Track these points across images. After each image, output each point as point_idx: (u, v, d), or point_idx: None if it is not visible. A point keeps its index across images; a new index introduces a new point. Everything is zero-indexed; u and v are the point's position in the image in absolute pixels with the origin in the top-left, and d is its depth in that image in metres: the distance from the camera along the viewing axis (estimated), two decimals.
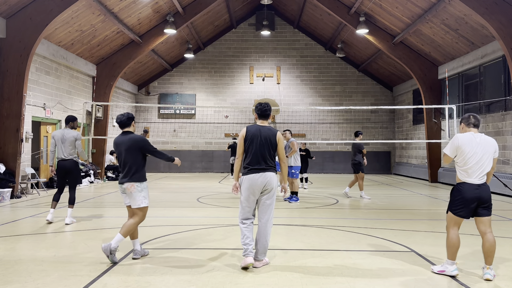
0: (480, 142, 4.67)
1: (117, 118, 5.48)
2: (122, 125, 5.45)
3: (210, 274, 4.67)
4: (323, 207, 10.02)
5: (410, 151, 21.00)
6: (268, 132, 5.05)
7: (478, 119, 4.84)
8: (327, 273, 4.73)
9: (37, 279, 4.48)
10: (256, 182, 4.92)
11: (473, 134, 4.72)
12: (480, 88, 14.85)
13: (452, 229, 4.71)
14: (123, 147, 5.31)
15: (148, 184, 5.43)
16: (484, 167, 4.65)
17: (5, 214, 8.73)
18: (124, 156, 5.29)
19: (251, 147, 5.01)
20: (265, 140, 4.99)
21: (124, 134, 5.42)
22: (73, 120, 8.03)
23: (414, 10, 14.64)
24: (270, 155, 5.02)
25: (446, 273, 4.71)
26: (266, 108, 5.16)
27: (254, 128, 5.10)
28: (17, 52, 11.55)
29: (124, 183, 5.26)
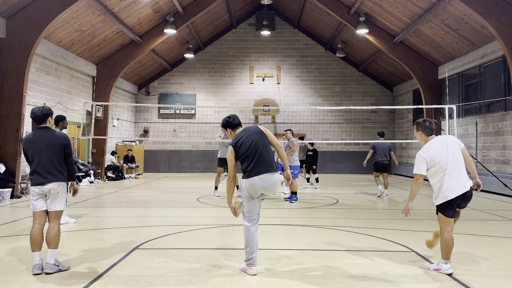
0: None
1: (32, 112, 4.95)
2: (39, 121, 4.91)
3: (210, 274, 4.66)
4: (323, 207, 10.02)
5: (410, 151, 21.00)
6: (254, 130, 4.90)
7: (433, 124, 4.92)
8: (327, 273, 4.72)
9: (37, 279, 4.48)
10: (266, 182, 4.73)
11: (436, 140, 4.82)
12: (480, 88, 14.85)
13: (446, 231, 4.74)
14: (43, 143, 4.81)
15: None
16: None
17: (5, 214, 8.73)
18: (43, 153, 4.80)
19: (247, 153, 4.78)
20: (258, 137, 4.85)
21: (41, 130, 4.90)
22: (59, 120, 7.63)
23: (414, 10, 14.64)
24: (268, 150, 4.88)
25: (441, 272, 4.75)
26: (234, 118, 5.00)
27: (238, 137, 4.88)
28: (17, 52, 11.55)
29: (48, 183, 4.75)
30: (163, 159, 22.85)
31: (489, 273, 4.80)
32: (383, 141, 12.20)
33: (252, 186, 4.70)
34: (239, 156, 4.82)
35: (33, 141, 4.80)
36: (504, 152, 13.02)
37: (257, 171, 4.72)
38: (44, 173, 4.75)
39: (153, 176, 20.15)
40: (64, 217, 7.53)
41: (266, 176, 4.73)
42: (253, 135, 4.84)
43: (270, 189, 4.77)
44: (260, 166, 4.74)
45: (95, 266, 4.94)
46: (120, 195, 12.33)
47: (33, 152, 4.79)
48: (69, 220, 7.66)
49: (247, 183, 4.73)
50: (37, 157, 4.78)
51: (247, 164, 4.77)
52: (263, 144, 4.84)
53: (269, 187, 4.75)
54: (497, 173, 12.70)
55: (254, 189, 4.70)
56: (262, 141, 4.86)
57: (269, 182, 4.73)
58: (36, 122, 4.91)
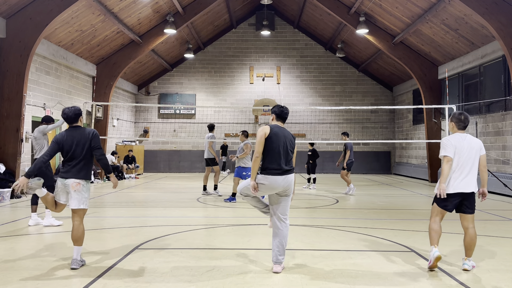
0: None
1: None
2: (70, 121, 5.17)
3: (210, 274, 4.66)
4: (323, 207, 10.02)
5: (410, 151, 21.00)
6: (289, 134, 5.00)
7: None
8: (327, 273, 4.72)
9: (37, 279, 4.47)
10: (279, 184, 4.78)
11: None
12: (480, 88, 14.85)
13: (432, 219, 4.96)
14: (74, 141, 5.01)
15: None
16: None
17: (5, 214, 8.73)
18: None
19: (273, 146, 4.81)
20: (288, 142, 4.90)
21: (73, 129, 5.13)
22: (48, 121, 7.69)
23: (414, 10, 14.64)
24: (290, 157, 4.93)
25: (430, 257, 4.79)
26: (287, 112, 5.07)
27: (277, 127, 4.93)
28: (17, 52, 11.55)
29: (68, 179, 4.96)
30: (163, 159, 22.85)
31: (489, 273, 4.80)
32: (348, 141, 12.69)
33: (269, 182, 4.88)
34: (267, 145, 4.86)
35: (66, 139, 5.01)
36: (504, 152, 13.02)
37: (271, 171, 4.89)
38: (68, 168, 4.98)
39: (153, 176, 20.15)
40: (49, 218, 7.29)
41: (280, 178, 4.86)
42: (286, 139, 4.93)
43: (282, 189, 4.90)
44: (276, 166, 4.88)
45: (95, 266, 4.94)
46: (120, 195, 12.33)
47: (67, 149, 5.00)
48: (53, 223, 7.32)
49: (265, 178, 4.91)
50: (65, 153, 5.01)
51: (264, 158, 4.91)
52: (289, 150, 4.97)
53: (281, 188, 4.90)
54: (497, 173, 12.70)
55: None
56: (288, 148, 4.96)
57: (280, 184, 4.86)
58: (68, 122, 5.16)
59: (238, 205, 10.11)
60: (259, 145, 4.81)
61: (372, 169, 22.70)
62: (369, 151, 22.89)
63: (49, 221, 7.33)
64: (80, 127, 5.14)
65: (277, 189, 4.82)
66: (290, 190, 4.90)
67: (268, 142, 4.82)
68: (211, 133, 12.73)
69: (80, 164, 4.96)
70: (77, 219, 4.99)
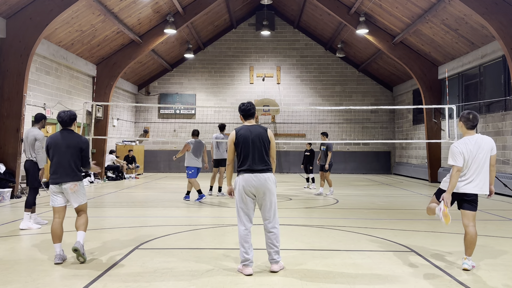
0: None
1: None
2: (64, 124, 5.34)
3: (210, 274, 4.66)
4: (323, 207, 10.03)
5: (410, 151, 21.00)
6: (259, 129, 4.92)
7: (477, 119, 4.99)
8: (327, 273, 4.72)
9: (37, 279, 4.48)
10: (251, 183, 4.74)
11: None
12: (480, 88, 14.85)
13: (435, 202, 5.11)
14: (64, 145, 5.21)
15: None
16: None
17: (5, 214, 8.73)
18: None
19: (242, 149, 4.82)
20: (258, 139, 4.83)
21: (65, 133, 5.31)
22: (40, 118, 7.55)
23: (414, 10, 14.64)
24: (266, 153, 4.85)
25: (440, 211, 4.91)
26: (250, 107, 5.01)
27: (244, 129, 4.90)
28: (17, 52, 11.55)
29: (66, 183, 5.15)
30: (163, 159, 22.84)
31: (489, 273, 4.80)
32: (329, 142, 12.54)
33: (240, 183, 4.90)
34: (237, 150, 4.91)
35: (56, 141, 5.22)
36: (504, 152, 13.02)
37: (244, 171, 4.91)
38: (62, 173, 5.15)
39: (153, 176, 20.15)
40: (27, 221, 7.09)
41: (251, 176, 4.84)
42: (256, 138, 4.87)
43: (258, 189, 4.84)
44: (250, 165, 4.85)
45: (95, 266, 4.94)
46: (120, 195, 12.33)
47: (53, 151, 5.20)
48: (32, 226, 7.11)
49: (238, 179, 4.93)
50: (56, 156, 5.18)
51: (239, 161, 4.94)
52: (263, 147, 4.90)
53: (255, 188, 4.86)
54: (497, 173, 12.71)
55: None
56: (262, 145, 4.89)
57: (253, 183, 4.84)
58: (62, 125, 5.35)
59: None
60: (230, 153, 4.94)
61: (372, 169, 22.69)
62: (369, 151, 22.89)
63: (26, 224, 7.10)
64: (73, 131, 5.34)
65: (251, 189, 4.74)
66: (267, 191, 4.76)
67: (237, 147, 4.87)
68: (221, 133, 12.75)
69: (72, 168, 5.18)
70: (81, 212, 5.36)
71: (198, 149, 11.06)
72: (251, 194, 4.79)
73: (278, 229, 4.84)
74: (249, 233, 4.79)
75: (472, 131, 4.95)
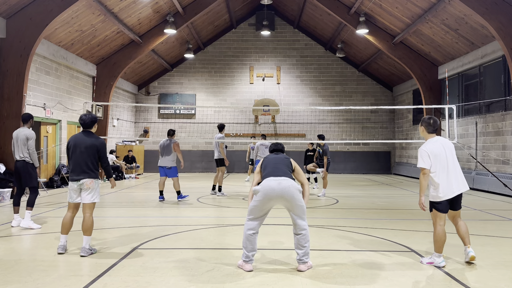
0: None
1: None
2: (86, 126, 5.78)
3: (210, 274, 4.67)
4: (323, 207, 10.03)
5: (410, 151, 21.00)
6: (284, 156, 5.33)
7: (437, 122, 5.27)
8: (327, 273, 4.73)
9: (37, 279, 4.48)
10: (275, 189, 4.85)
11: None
12: (480, 88, 14.85)
13: (439, 225, 5.04)
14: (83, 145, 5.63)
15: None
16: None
17: (5, 214, 8.73)
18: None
19: (267, 169, 5.09)
20: (280, 160, 5.18)
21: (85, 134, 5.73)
22: (28, 118, 7.57)
23: (414, 10, 14.64)
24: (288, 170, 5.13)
25: (435, 265, 5.02)
26: (277, 146, 5.51)
27: (270, 156, 5.34)
28: (17, 52, 11.55)
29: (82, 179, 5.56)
30: None
31: (489, 273, 4.81)
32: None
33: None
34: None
35: (75, 141, 5.64)
36: (504, 152, 13.02)
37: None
38: (79, 171, 5.55)
39: (153, 176, 20.14)
40: (27, 220, 7.13)
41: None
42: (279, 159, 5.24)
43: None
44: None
45: (95, 266, 4.94)
46: (120, 195, 12.33)
47: (72, 150, 5.63)
48: (33, 226, 7.12)
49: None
50: (75, 155, 5.60)
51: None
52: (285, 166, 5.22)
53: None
54: (497, 173, 12.71)
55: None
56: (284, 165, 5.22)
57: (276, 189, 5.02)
58: (83, 127, 5.78)
59: (238, 205, 10.12)
60: (256, 175, 5.24)
61: (372, 169, 22.70)
62: (369, 151, 22.90)
63: (27, 223, 7.12)
64: (92, 133, 5.76)
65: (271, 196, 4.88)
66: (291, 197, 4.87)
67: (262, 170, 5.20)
68: (220, 133, 12.81)
69: (89, 166, 5.57)
70: (88, 212, 5.59)
71: (164, 149, 11.88)
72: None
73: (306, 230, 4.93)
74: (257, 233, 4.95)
75: (433, 134, 5.21)
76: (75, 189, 5.60)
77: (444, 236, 5.01)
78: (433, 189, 5.07)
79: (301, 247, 4.83)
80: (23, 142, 7.36)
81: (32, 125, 7.75)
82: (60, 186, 14.18)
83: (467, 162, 15.22)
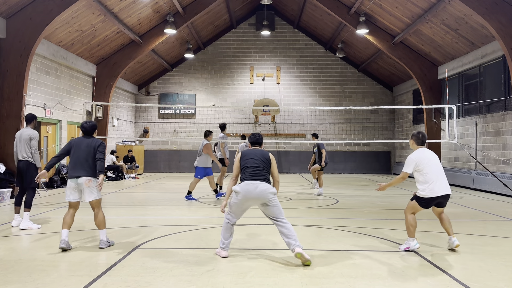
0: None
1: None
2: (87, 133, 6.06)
3: (210, 274, 4.67)
4: (323, 207, 10.03)
5: (410, 151, 20.94)
6: (263, 152, 5.64)
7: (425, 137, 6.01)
8: (327, 273, 4.73)
9: (37, 279, 4.48)
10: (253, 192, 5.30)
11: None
12: (480, 88, 14.85)
13: (410, 214, 5.78)
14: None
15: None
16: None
17: (5, 214, 8.73)
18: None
19: (246, 165, 5.45)
20: (260, 157, 5.49)
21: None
22: (32, 119, 7.56)
23: (414, 10, 14.64)
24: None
25: (411, 248, 5.68)
26: (258, 138, 5.85)
27: (248, 150, 5.68)
28: (17, 52, 11.55)
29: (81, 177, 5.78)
30: (163, 159, 22.85)
31: (489, 273, 4.81)
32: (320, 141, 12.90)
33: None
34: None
35: (77, 142, 5.92)
36: (504, 152, 13.02)
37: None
38: (78, 168, 5.76)
39: (153, 176, 20.15)
40: (26, 221, 7.10)
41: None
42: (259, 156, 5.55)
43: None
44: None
45: (95, 266, 4.94)
46: (120, 195, 12.33)
47: (74, 149, 5.86)
48: (32, 226, 7.10)
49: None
50: (75, 153, 5.83)
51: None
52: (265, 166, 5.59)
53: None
54: (497, 173, 12.70)
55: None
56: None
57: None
58: (84, 133, 6.06)
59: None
60: (235, 168, 5.65)
61: (372, 169, 22.69)
62: (369, 151, 22.90)
63: (26, 224, 7.10)
64: (93, 137, 6.04)
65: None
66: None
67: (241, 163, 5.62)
68: (222, 133, 12.81)
69: (88, 163, 5.77)
70: (96, 208, 5.89)
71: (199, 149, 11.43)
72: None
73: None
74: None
75: (422, 146, 5.93)
76: (73, 188, 5.79)
77: (415, 222, 5.76)
78: (420, 187, 5.67)
79: (290, 235, 5.13)
80: (26, 142, 7.35)
81: (36, 125, 7.74)
82: (60, 186, 14.18)
83: (467, 162, 15.22)
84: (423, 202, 5.68)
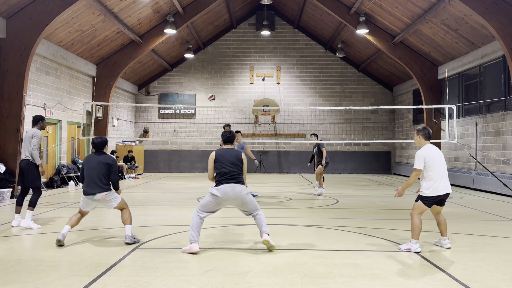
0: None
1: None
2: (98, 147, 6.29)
3: (210, 274, 4.66)
4: (323, 207, 10.03)
5: (410, 151, 21.00)
6: (237, 153, 5.88)
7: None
8: (327, 273, 4.73)
9: (37, 279, 4.48)
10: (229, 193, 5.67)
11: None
12: (480, 88, 14.85)
13: (417, 216, 5.73)
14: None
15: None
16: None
17: (5, 214, 8.73)
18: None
19: (220, 166, 5.75)
20: (233, 159, 5.77)
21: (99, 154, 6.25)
22: (37, 121, 7.57)
23: (414, 10, 14.64)
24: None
25: (412, 251, 5.64)
26: (229, 136, 6.05)
27: (222, 151, 5.89)
28: (17, 52, 11.55)
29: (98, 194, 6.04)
30: (163, 159, 22.86)
31: (489, 273, 4.80)
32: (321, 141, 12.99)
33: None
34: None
35: (89, 159, 6.16)
36: (504, 152, 13.03)
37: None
38: (93, 185, 6.00)
39: (153, 176, 20.15)
40: (28, 220, 7.13)
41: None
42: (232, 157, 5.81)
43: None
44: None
45: (95, 266, 4.94)
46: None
47: (86, 167, 6.11)
48: (33, 226, 7.11)
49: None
50: (88, 171, 6.06)
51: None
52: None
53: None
54: (497, 173, 12.71)
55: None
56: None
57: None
58: (95, 149, 6.27)
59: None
60: (210, 169, 5.98)
61: (372, 169, 22.70)
62: (369, 151, 22.90)
63: (26, 223, 7.12)
64: (104, 152, 6.24)
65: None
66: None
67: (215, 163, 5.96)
68: None
69: (101, 180, 6.01)
70: (121, 209, 6.22)
71: None
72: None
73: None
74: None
75: (428, 141, 5.92)
76: (89, 202, 6.10)
77: (421, 224, 5.69)
78: (425, 186, 5.67)
79: (262, 224, 5.68)
80: (29, 141, 7.38)
81: (43, 126, 7.69)
82: (60, 186, 14.18)
83: (467, 162, 15.22)
84: (427, 201, 5.70)
